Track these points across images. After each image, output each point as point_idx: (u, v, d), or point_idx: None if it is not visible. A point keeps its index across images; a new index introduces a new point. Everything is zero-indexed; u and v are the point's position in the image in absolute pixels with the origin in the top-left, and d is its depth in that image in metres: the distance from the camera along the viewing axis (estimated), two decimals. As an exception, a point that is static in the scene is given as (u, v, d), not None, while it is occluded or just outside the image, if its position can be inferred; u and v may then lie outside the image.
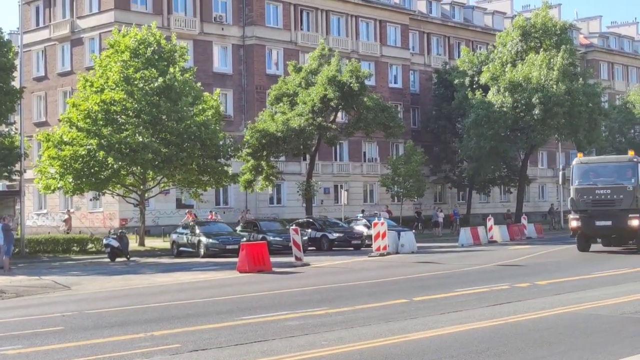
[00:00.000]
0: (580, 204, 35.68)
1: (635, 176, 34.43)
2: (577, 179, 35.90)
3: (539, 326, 15.62)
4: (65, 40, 61.12)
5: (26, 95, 49.00)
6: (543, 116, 57.57)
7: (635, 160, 34.97)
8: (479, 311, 17.83)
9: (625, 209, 34.15)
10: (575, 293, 20.93)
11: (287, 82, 52.64)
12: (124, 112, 42.53)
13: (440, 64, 74.86)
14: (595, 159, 39.50)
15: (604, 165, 36.71)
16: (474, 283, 23.60)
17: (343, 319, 17.12)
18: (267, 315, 17.89)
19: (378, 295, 21.34)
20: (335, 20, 68.14)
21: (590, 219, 35.20)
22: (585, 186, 35.52)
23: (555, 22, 63.15)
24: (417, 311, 18.11)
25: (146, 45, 43.75)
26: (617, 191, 34.52)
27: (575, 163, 36.60)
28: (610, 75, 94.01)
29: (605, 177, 35.47)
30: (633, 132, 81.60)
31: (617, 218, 34.61)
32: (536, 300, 19.58)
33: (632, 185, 34.38)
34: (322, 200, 63.95)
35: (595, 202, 35.17)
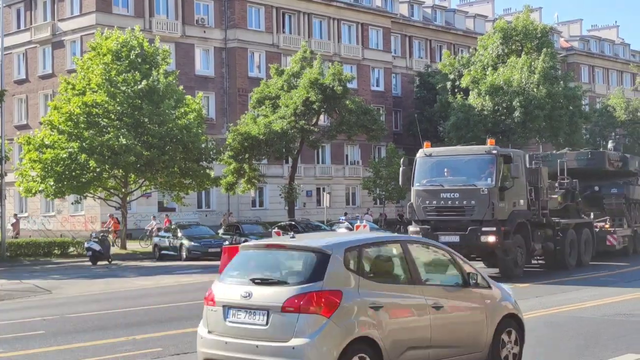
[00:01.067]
0: (420, 212, 26.17)
1: (492, 175, 24.82)
2: (420, 177, 26.52)
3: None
4: (47, 42, 60.86)
5: (7, 97, 48.70)
6: (524, 119, 57.82)
7: (495, 152, 25.21)
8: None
9: (478, 220, 24.80)
10: (555, 295, 21.04)
11: (270, 85, 52.62)
12: (106, 115, 42.40)
13: (422, 67, 75.03)
14: (444, 151, 28.07)
15: (455, 160, 26.49)
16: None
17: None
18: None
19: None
20: (317, 23, 68.17)
21: (433, 233, 25.22)
22: (428, 188, 26.11)
23: (536, 26, 63.43)
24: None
25: (129, 48, 43.64)
26: (468, 195, 24.98)
27: (418, 156, 26.91)
28: (591, 78, 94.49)
29: (455, 176, 26.02)
30: (614, 135, 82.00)
31: (467, 232, 25.02)
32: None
33: (488, 186, 24.74)
34: (305, 203, 63.97)
35: (440, 210, 25.71)
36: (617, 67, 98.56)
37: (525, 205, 26.20)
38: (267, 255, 10.71)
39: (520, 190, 25.92)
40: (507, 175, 25.20)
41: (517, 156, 26.06)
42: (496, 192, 24.86)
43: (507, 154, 25.61)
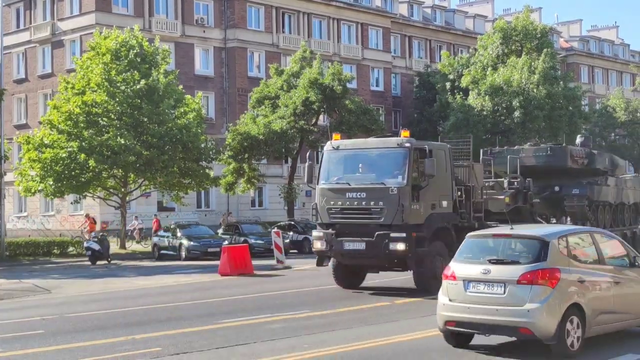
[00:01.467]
0: (324, 215, 22.41)
1: (404, 172, 21.18)
2: (325, 174, 22.80)
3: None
4: (46, 42, 60.82)
5: (6, 97, 48.69)
6: (523, 119, 57.77)
7: (408, 145, 21.46)
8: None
9: (387, 224, 21.16)
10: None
11: (269, 85, 52.60)
12: (106, 115, 42.39)
13: (422, 67, 74.99)
14: (353, 143, 23.95)
15: (364, 154, 22.76)
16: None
17: (325, 322, 17.13)
18: (249, 318, 17.88)
19: (360, 298, 21.36)
20: (317, 23, 68.14)
21: (338, 239, 22.06)
22: (333, 186, 22.37)
23: (535, 26, 63.38)
24: (399, 314, 18.15)
25: (128, 47, 43.62)
26: (376, 195, 21.33)
27: (325, 149, 23.45)
28: (591, 78, 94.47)
29: (363, 173, 22.47)
30: (614, 135, 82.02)
31: (373, 238, 21.33)
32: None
33: (398, 185, 21.10)
34: (304, 203, 63.88)
35: (346, 212, 22.02)
36: (616, 67, 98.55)
37: (449, 207, 22.51)
38: (494, 242, 13.99)
39: (443, 190, 22.23)
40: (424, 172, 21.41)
41: (439, 150, 22.55)
42: (407, 191, 21.06)
43: (423, 147, 21.62)
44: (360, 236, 21.63)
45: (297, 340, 14.95)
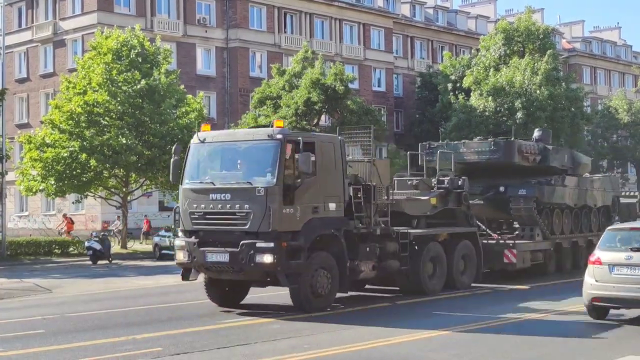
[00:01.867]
0: (187, 220, 19.12)
1: (274, 169, 18.01)
2: (190, 172, 19.66)
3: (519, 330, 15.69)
4: (48, 41, 60.84)
5: (8, 96, 48.66)
6: (525, 120, 57.71)
7: (280, 137, 18.26)
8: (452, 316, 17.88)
9: (253, 232, 17.93)
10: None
11: (271, 85, 52.60)
12: (107, 114, 42.35)
13: (424, 67, 74.94)
14: (221, 135, 20.96)
15: (233, 148, 19.54)
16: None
17: (326, 322, 17.09)
18: (250, 318, 17.86)
19: (361, 298, 21.33)
20: (319, 24, 68.12)
21: (200, 249, 18.76)
22: (197, 186, 19.23)
23: (538, 27, 63.33)
24: (400, 314, 18.12)
25: (129, 47, 43.60)
26: (242, 197, 18.14)
27: (192, 142, 20.05)
28: (593, 79, 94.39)
29: (230, 170, 19.51)
30: (616, 137, 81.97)
31: (237, 249, 18.00)
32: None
33: (266, 185, 17.93)
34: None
35: (209, 217, 18.66)
36: (619, 68, 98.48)
37: (340, 210, 19.11)
38: (632, 234, 16.79)
39: (331, 191, 18.94)
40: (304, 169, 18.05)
41: (325, 143, 19.42)
42: (277, 192, 17.75)
43: (297, 140, 18.36)
44: (225, 246, 18.18)
45: (298, 340, 14.93)
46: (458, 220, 24.53)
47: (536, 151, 27.85)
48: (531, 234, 26.60)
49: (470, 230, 24.32)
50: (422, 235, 22.32)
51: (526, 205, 26.18)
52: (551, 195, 27.28)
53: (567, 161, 29.37)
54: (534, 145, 28.33)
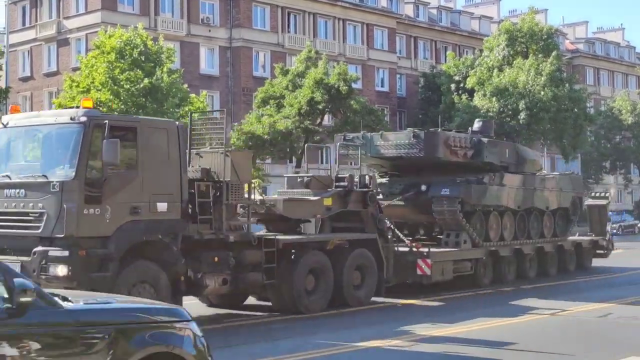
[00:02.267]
0: None
1: (74, 159, 14.88)
2: None
3: (531, 330, 15.67)
4: (52, 40, 60.90)
5: (12, 95, 48.73)
6: (528, 121, 57.69)
7: (84, 120, 15.12)
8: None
9: (47, 238, 14.77)
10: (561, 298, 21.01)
11: (274, 84, 52.60)
12: (110, 113, 42.34)
13: (427, 67, 74.95)
14: (24, 118, 16.84)
15: (35, 132, 16.31)
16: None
17: (331, 322, 17.11)
18: (251, 319, 17.88)
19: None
20: (322, 23, 68.12)
21: None
22: None
23: (541, 27, 63.33)
24: (405, 316, 18.11)
25: (132, 46, 43.61)
26: (35, 194, 15.01)
27: None
28: (596, 80, 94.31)
29: (29, 161, 16.50)
30: (619, 138, 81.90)
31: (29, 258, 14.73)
32: (522, 303, 19.63)
33: (63, 179, 14.82)
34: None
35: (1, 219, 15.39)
36: (622, 69, 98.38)
37: (174, 211, 15.85)
38: None
39: (160, 187, 15.65)
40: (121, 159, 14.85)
41: (153, 129, 16.24)
42: (76, 188, 14.53)
43: (102, 123, 14.96)
44: (19, 254, 14.75)
45: (301, 340, 14.93)
46: (366, 224, 20.80)
47: (467, 144, 24.13)
48: (457, 241, 23.21)
49: (367, 237, 20.44)
50: (298, 243, 18.90)
51: (450, 207, 22.88)
52: (482, 196, 23.92)
53: (508, 157, 25.51)
54: (465, 137, 24.66)
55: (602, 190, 34.39)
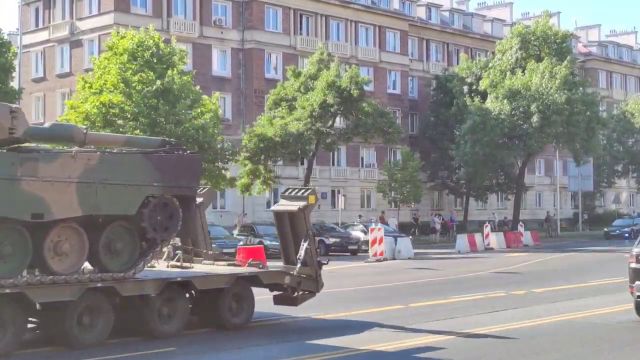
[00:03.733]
0: None
1: None
2: None
3: (535, 334, 15.65)
4: (65, 41, 61.09)
5: (25, 96, 49.00)
6: (541, 124, 57.57)
7: None
8: (475, 318, 17.85)
9: None
10: (572, 301, 20.96)
11: (286, 87, 52.66)
12: (122, 115, 42.47)
13: (439, 70, 74.92)
14: None
15: None
16: (471, 290, 23.62)
17: (338, 324, 17.11)
18: (261, 320, 17.90)
19: (374, 300, 21.35)
20: (334, 26, 68.14)
21: None
22: None
23: (555, 31, 63.20)
24: (414, 317, 18.12)
25: (144, 48, 43.72)
26: None
27: None
28: (609, 84, 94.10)
29: None
30: (632, 141, 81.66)
31: None
32: (532, 307, 19.60)
33: None
34: (319, 205, 63.80)
35: None
36: (635, 72, 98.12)
37: None
38: None
39: None
40: None
41: None
42: None
43: None
44: None
45: (310, 342, 14.95)
46: None
47: None
48: None
49: None
50: None
51: None
52: None
53: None
54: None
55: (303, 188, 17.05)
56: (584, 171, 67.10)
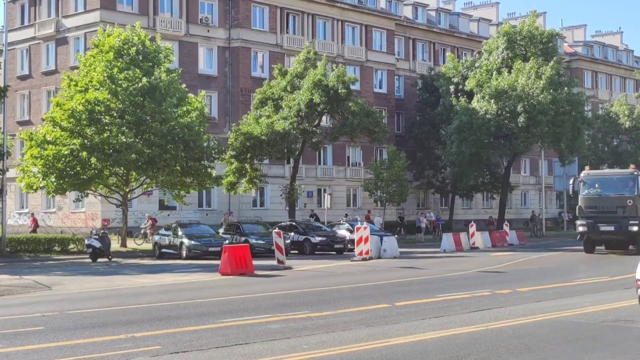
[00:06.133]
0: None
1: None
2: None
3: (519, 333, 15.69)
4: (50, 39, 60.89)
5: (10, 93, 48.78)
6: (527, 124, 57.75)
7: None
8: (460, 317, 17.87)
9: None
10: (556, 300, 21.01)
11: (273, 85, 52.65)
12: (108, 113, 42.40)
13: (425, 69, 75.07)
14: None
15: None
16: (456, 289, 23.65)
17: (325, 323, 17.11)
18: (249, 318, 17.88)
19: (360, 299, 21.35)
20: (321, 24, 68.17)
21: None
22: None
23: (542, 31, 63.40)
24: (399, 316, 18.14)
25: (130, 45, 43.64)
26: None
27: None
28: (594, 84, 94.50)
29: None
30: (617, 141, 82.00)
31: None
32: (517, 307, 19.64)
33: None
34: (305, 203, 63.96)
35: None
36: (620, 73, 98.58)
37: None
38: None
39: None
40: None
41: None
42: None
43: None
44: None
45: (296, 340, 14.94)
46: None
47: None
48: None
49: None
50: None
51: None
52: None
53: None
54: None
55: None
56: (569, 171, 67.26)
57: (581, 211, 39.86)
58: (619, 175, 40.81)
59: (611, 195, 39.02)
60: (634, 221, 37.79)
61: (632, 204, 38.29)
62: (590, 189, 39.68)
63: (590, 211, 39.43)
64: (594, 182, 39.66)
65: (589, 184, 39.66)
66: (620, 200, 38.67)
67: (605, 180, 40.11)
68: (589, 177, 39.95)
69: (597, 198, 39.43)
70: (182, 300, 21.75)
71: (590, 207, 39.59)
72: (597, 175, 41.18)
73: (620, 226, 38.34)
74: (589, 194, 39.74)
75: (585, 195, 39.84)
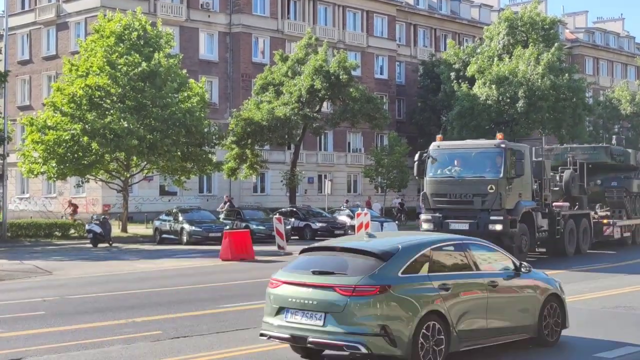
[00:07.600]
0: None
1: None
2: None
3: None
4: (51, 24, 60.75)
5: (10, 78, 48.65)
6: (526, 109, 57.67)
7: None
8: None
9: None
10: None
11: (274, 71, 52.53)
12: (108, 97, 42.34)
13: (427, 55, 74.92)
14: None
15: None
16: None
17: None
18: (249, 303, 17.91)
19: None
20: (322, 10, 67.99)
21: None
22: None
23: (543, 17, 63.21)
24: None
25: (131, 30, 43.53)
26: None
27: None
28: (595, 70, 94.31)
29: None
30: (617, 128, 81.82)
31: None
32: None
33: None
34: (306, 189, 63.94)
35: None
36: (621, 59, 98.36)
37: None
38: None
39: None
40: None
41: None
42: None
43: None
44: None
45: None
46: None
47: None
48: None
49: None
50: None
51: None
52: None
53: None
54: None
55: None
56: (570, 157, 66.94)
57: (426, 201, 27.49)
58: (479, 148, 27.48)
59: (467, 177, 26.57)
60: (497, 216, 25.65)
61: (494, 191, 25.72)
62: (440, 168, 27.45)
63: (438, 200, 27.13)
64: (446, 158, 27.35)
65: (439, 162, 27.36)
66: (479, 185, 26.18)
67: (461, 155, 27.26)
68: (439, 151, 27.51)
69: (448, 182, 27.04)
70: (183, 285, 21.80)
71: (439, 194, 27.17)
72: (450, 148, 28.16)
73: (478, 224, 25.88)
74: (435, 177, 27.40)
75: (431, 178, 27.45)
